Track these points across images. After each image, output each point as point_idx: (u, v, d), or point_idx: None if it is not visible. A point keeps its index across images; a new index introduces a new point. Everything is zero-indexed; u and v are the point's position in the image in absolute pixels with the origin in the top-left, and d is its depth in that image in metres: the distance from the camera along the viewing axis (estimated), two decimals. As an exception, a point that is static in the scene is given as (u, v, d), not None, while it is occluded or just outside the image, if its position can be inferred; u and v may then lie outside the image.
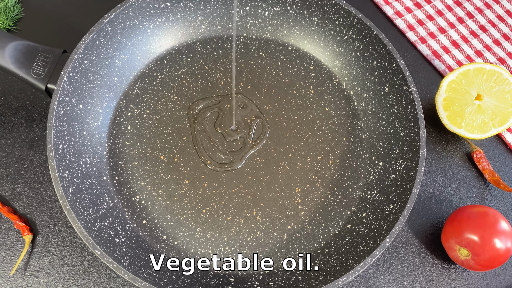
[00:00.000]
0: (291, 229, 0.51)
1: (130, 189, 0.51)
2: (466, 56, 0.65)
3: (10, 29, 0.61)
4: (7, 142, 0.54)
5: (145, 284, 0.41)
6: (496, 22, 0.69)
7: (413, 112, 0.52)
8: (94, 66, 0.52)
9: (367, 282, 0.51)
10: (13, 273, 0.48)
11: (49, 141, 0.45)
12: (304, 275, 0.47)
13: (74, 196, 0.45)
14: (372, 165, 0.54)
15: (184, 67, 0.58)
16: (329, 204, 0.52)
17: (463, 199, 0.56)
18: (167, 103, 0.56)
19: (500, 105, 0.56)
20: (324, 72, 0.60)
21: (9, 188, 0.52)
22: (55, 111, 0.47)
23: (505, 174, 0.58)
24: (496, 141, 0.60)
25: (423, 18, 0.68)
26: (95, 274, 0.49)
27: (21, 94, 0.57)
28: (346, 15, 0.57)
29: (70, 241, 0.50)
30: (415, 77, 0.64)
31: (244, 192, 0.52)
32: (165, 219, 0.50)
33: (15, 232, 0.50)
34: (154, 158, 0.53)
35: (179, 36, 0.59)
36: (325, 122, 0.57)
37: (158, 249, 0.48)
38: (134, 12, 0.54)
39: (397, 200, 0.49)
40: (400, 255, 0.53)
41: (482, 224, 0.48)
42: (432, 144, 0.59)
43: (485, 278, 0.53)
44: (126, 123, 0.54)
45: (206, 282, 0.46)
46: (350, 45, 0.58)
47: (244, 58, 0.60)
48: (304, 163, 0.54)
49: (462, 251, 0.49)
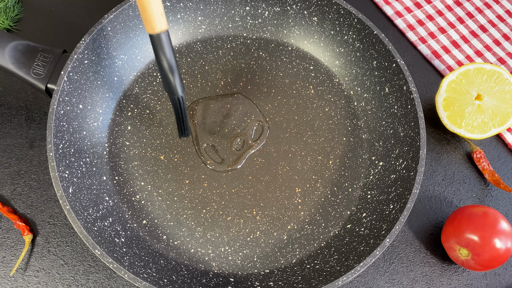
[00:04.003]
0: (291, 229, 0.51)
1: (130, 189, 0.51)
2: (466, 56, 0.65)
3: (10, 29, 0.61)
4: (7, 142, 0.54)
5: (145, 284, 0.41)
6: (496, 22, 0.69)
7: (413, 112, 0.52)
8: (94, 66, 0.52)
9: (367, 282, 0.51)
10: (13, 273, 0.48)
11: (49, 141, 0.45)
12: (304, 275, 0.47)
13: (74, 196, 0.45)
14: (372, 165, 0.54)
15: (184, 67, 0.58)
16: (329, 204, 0.52)
17: (463, 199, 0.56)
18: (167, 103, 0.56)
19: (500, 105, 0.56)
20: (324, 72, 0.60)
21: (9, 188, 0.52)
22: (55, 111, 0.47)
23: (505, 174, 0.58)
24: (496, 141, 0.60)
25: (423, 18, 0.68)
26: (95, 274, 0.49)
27: (21, 94, 0.57)
28: (346, 15, 0.57)
29: (70, 241, 0.50)
30: (415, 77, 0.64)
31: (244, 192, 0.52)
32: (165, 219, 0.50)
33: (15, 232, 0.50)
34: (154, 158, 0.53)
35: (179, 36, 0.59)
36: (325, 122, 0.57)
37: (158, 249, 0.48)
38: (134, 12, 0.54)
39: (397, 200, 0.49)
40: (400, 255, 0.53)
41: (482, 224, 0.48)
42: (432, 144, 0.59)
43: (485, 278, 0.53)
44: (126, 123, 0.54)
45: (206, 282, 0.46)
46: (350, 45, 0.58)
47: (244, 58, 0.60)
48: (304, 163, 0.54)
49: (462, 251, 0.49)
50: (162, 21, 0.45)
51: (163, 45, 0.46)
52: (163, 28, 0.45)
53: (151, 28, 0.45)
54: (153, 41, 0.45)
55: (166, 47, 0.46)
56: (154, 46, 0.46)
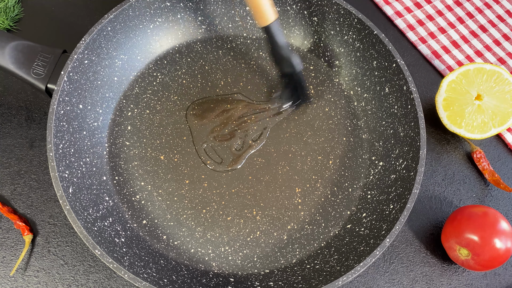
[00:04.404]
0: (291, 229, 0.51)
1: (130, 189, 0.51)
2: (466, 56, 0.65)
3: (10, 29, 0.61)
4: (7, 142, 0.54)
5: (145, 284, 0.41)
6: (496, 22, 0.69)
7: (413, 112, 0.52)
8: (94, 66, 0.52)
9: (367, 282, 0.51)
10: (13, 273, 0.48)
11: (49, 141, 0.45)
12: (304, 275, 0.47)
13: (74, 196, 0.45)
14: (372, 165, 0.54)
15: (184, 67, 0.58)
16: (329, 204, 0.52)
17: (463, 199, 0.56)
18: (167, 103, 0.56)
19: (500, 105, 0.56)
20: (324, 72, 0.60)
21: (9, 188, 0.52)
22: (55, 111, 0.47)
23: (505, 174, 0.58)
24: (496, 141, 0.60)
25: (423, 18, 0.68)
26: (95, 274, 0.49)
27: (21, 94, 0.57)
28: (346, 15, 0.57)
29: (70, 241, 0.50)
30: (415, 77, 0.64)
31: (244, 192, 0.52)
32: (165, 219, 0.50)
33: (15, 232, 0.50)
34: (154, 158, 0.53)
35: (179, 36, 0.59)
36: (325, 122, 0.57)
37: (158, 249, 0.48)
38: (134, 12, 0.54)
39: (397, 200, 0.49)
40: (400, 255, 0.53)
41: (482, 224, 0.48)
42: (432, 144, 0.59)
43: (485, 278, 0.53)
44: (126, 123, 0.54)
45: (206, 282, 0.46)
46: (350, 45, 0.58)
47: (244, 58, 0.60)
48: (304, 163, 0.54)
49: (462, 251, 0.49)
50: (272, 12, 0.48)
51: (277, 33, 0.49)
52: (274, 18, 0.48)
53: (264, 21, 0.48)
54: (267, 31, 0.49)
55: (279, 34, 0.49)
56: (268, 35, 0.49)
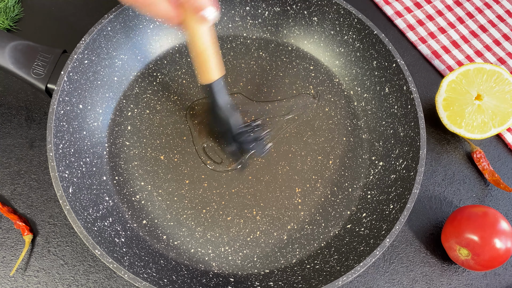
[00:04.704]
0: (291, 229, 0.51)
1: (130, 189, 0.51)
2: (466, 56, 0.65)
3: (10, 29, 0.61)
4: (7, 142, 0.54)
5: (145, 284, 0.41)
6: (496, 22, 0.69)
7: (413, 112, 0.52)
8: (94, 66, 0.52)
9: (367, 282, 0.51)
10: (13, 273, 0.48)
11: (49, 141, 0.45)
12: (304, 275, 0.47)
13: (74, 196, 0.45)
14: (372, 165, 0.54)
15: (184, 67, 0.58)
16: (329, 204, 0.52)
17: (463, 199, 0.56)
18: (167, 103, 0.56)
19: (500, 105, 0.56)
20: (324, 72, 0.60)
21: (9, 188, 0.52)
22: (55, 111, 0.47)
23: (505, 174, 0.58)
24: (496, 141, 0.60)
25: (423, 18, 0.68)
26: (95, 274, 0.49)
27: (21, 94, 0.57)
28: (346, 15, 0.57)
29: (70, 241, 0.50)
30: (415, 77, 0.64)
31: (244, 192, 0.52)
32: (165, 219, 0.50)
33: (15, 232, 0.50)
34: (154, 158, 0.53)
35: (179, 36, 0.59)
36: (325, 122, 0.57)
37: (158, 249, 0.48)
38: (134, 12, 0.54)
39: (397, 200, 0.49)
40: (400, 255, 0.53)
41: (482, 224, 0.48)
42: (432, 144, 0.59)
43: (485, 278, 0.53)
44: (126, 123, 0.54)
45: (206, 282, 0.46)
46: (350, 45, 0.58)
47: (244, 58, 0.60)
48: (304, 163, 0.54)
49: (462, 251, 0.49)
50: (217, 70, 0.44)
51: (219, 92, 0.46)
52: (217, 76, 0.44)
53: (206, 79, 0.44)
54: (208, 89, 0.45)
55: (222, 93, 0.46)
56: (208, 93, 0.45)
